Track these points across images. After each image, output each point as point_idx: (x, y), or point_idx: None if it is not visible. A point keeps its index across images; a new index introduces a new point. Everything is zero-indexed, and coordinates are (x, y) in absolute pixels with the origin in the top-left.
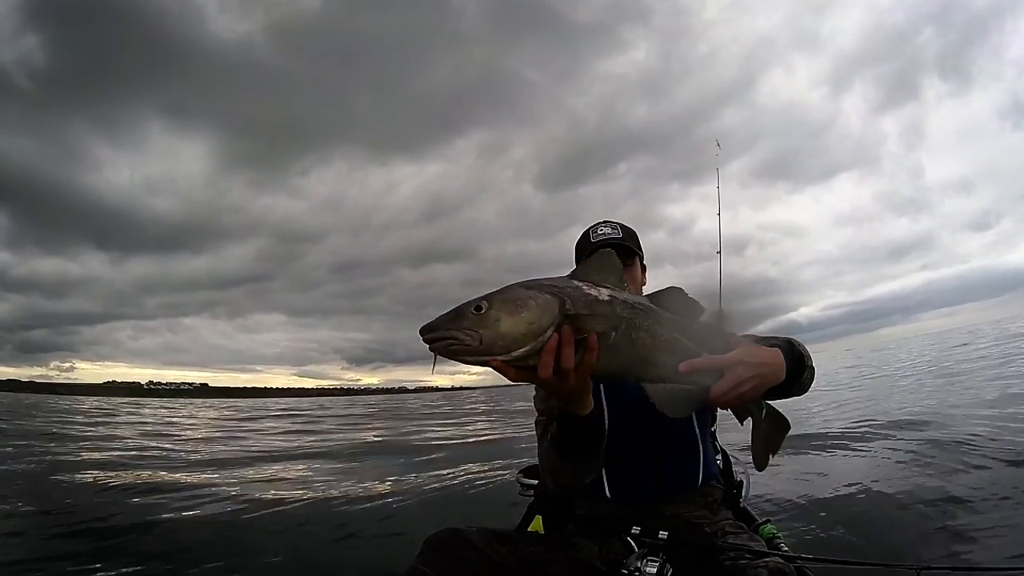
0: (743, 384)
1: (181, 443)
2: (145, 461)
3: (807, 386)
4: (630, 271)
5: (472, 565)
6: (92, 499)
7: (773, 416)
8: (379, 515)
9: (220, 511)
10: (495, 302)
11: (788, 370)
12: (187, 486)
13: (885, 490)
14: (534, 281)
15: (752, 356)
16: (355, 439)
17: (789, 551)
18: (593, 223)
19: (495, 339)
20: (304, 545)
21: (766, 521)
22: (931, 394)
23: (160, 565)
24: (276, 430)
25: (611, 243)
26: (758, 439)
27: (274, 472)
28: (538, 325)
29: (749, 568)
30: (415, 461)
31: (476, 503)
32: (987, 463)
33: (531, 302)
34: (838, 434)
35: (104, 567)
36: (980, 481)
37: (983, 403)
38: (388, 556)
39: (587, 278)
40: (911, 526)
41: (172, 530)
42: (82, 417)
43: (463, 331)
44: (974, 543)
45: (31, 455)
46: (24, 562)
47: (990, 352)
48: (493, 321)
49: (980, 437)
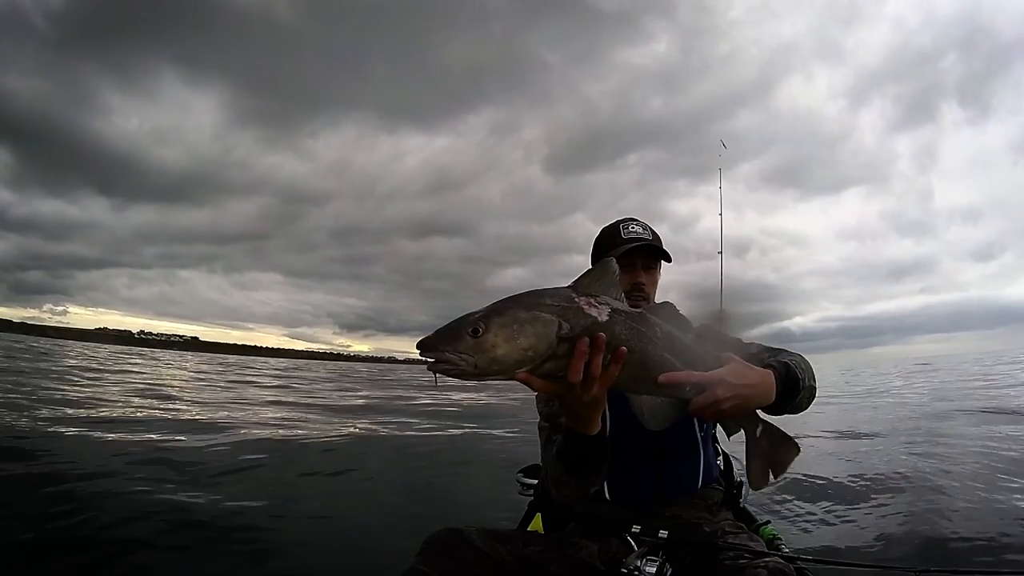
0: (720, 403)
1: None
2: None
3: (804, 406)
4: (651, 274)
5: (472, 565)
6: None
7: (773, 434)
8: (377, 515)
9: (216, 510)
10: (492, 325)
11: (779, 392)
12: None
13: (885, 491)
14: (535, 298)
15: (736, 376)
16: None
17: (789, 551)
18: (619, 218)
19: (490, 365)
20: (304, 545)
21: (766, 522)
22: (925, 404)
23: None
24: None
25: (642, 244)
26: (755, 456)
27: (270, 465)
28: (534, 352)
29: (749, 568)
30: (414, 456)
31: (476, 502)
32: (988, 465)
33: (528, 328)
34: (838, 436)
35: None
36: (981, 483)
37: (977, 413)
38: (388, 556)
39: (588, 291)
40: (911, 528)
41: (164, 523)
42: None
43: (458, 355)
44: (974, 545)
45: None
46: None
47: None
48: (489, 347)
49: (977, 442)
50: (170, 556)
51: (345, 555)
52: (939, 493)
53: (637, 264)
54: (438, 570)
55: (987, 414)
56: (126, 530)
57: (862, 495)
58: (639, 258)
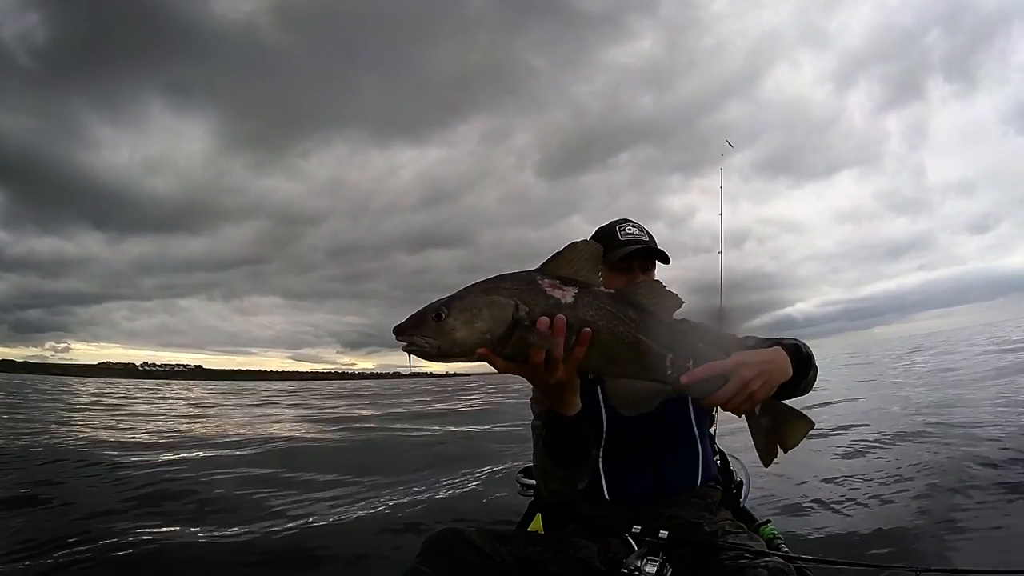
0: (751, 384)
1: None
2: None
3: (811, 385)
4: (648, 276)
5: (472, 565)
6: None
7: (779, 411)
8: (378, 515)
9: (214, 507)
10: (453, 310)
11: (794, 366)
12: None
13: (886, 491)
14: (496, 282)
15: (752, 356)
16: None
17: (789, 551)
18: (614, 219)
19: (451, 347)
20: (304, 545)
21: (766, 521)
22: (928, 394)
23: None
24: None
25: (641, 247)
26: (761, 434)
27: (269, 465)
28: (491, 335)
29: (749, 568)
30: (414, 455)
31: (476, 502)
32: (988, 466)
33: (485, 312)
34: (837, 435)
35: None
36: (981, 483)
37: (983, 405)
38: (388, 556)
39: (557, 273)
40: (911, 527)
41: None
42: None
43: (423, 337)
44: (974, 545)
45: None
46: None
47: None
48: (449, 330)
49: (981, 439)
50: (159, 539)
51: (345, 555)
52: (941, 492)
53: (635, 267)
54: (438, 570)
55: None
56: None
57: (862, 494)
58: (636, 260)
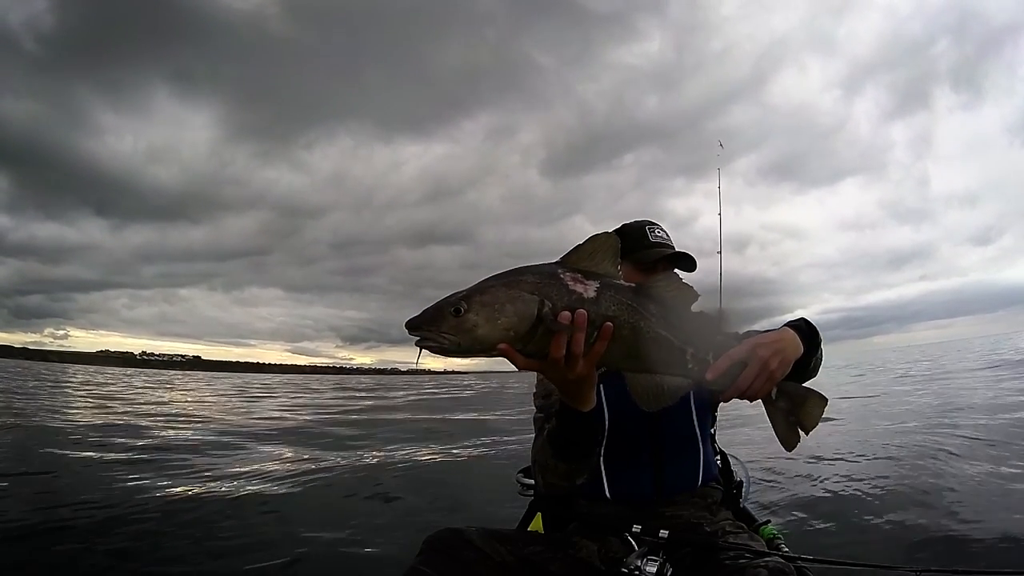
0: (769, 363)
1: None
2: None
3: (820, 363)
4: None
5: (472, 565)
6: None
7: (795, 392)
8: (377, 515)
9: (213, 509)
10: (474, 304)
11: (804, 343)
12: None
13: (886, 491)
14: (517, 276)
15: (764, 337)
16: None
17: (789, 551)
18: (638, 219)
19: (471, 343)
20: (304, 545)
21: (766, 521)
22: (928, 398)
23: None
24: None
25: (669, 253)
26: (781, 418)
27: (268, 462)
28: (515, 331)
29: (749, 568)
30: (414, 456)
31: (476, 502)
32: (988, 466)
33: (508, 307)
34: (837, 434)
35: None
36: (981, 484)
37: (981, 408)
38: (388, 556)
39: (579, 265)
40: (912, 527)
41: (155, 515)
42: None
43: (441, 334)
44: (975, 545)
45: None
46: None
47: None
48: (470, 327)
49: (980, 441)
50: (156, 541)
51: (345, 554)
52: (941, 492)
53: (659, 269)
54: (438, 570)
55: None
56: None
57: (862, 494)
58: (663, 263)
